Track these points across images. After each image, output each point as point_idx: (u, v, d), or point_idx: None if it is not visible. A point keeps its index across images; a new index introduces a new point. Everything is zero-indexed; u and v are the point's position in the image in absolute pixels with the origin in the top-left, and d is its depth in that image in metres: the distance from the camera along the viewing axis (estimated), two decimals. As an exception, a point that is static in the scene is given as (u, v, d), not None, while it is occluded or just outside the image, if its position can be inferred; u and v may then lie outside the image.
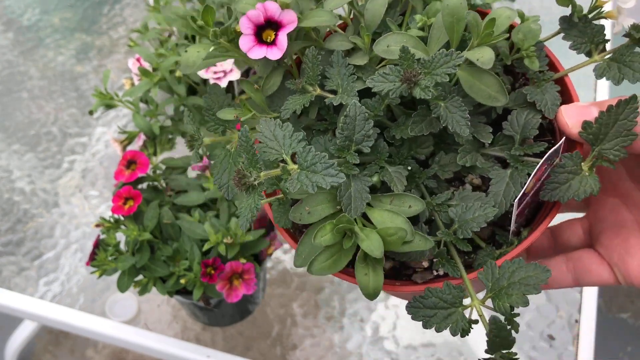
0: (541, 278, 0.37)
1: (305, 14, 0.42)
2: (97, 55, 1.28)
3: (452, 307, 0.38)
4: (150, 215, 0.73)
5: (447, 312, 0.38)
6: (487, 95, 0.41)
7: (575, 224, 0.50)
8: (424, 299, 0.38)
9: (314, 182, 0.36)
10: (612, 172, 0.46)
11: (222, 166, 0.43)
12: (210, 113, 0.45)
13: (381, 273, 0.39)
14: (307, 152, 0.37)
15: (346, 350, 0.92)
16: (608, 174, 0.46)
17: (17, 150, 1.13)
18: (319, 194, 0.41)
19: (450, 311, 0.38)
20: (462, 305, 0.39)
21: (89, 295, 0.96)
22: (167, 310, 0.96)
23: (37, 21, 1.34)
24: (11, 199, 1.07)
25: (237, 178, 0.37)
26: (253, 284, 0.73)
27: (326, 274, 0.39)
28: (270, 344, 0.93)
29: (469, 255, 0.44)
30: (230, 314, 0.91)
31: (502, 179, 0.42)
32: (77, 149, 1.13)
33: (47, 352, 1.33)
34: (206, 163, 0.76)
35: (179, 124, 0.80)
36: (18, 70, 1.25)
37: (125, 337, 0.88)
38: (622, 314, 1.43)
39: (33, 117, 1.18)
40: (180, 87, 0.77)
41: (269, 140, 0.39)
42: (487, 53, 0.40)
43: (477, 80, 0.41)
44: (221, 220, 0.74)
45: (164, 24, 0.83)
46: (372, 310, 0.95)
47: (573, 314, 0.92)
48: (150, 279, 0.73)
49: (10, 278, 0.98)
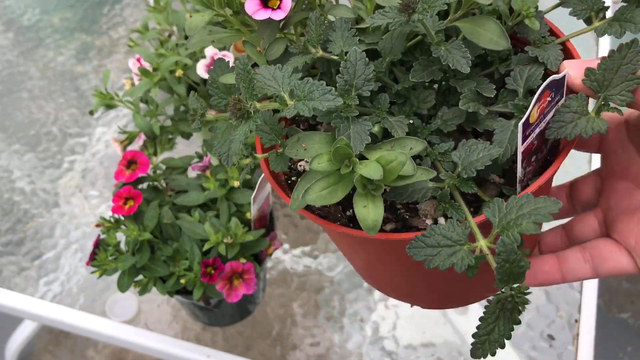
0: (551, 208, 0.35)
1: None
2: (97, 55, 1.28)
3: (457, 244, 0.36)
4: (151, 215, 0.73)
5: (452, 249, 0.36)
6: (489, 39, 0.41)
7: (589, 217, 0.48)
8: (426, 237, 0.36)
9: (310, 107, 0.36)
10: (622, 155, 0.45)
11: (223, 137, 0.43)
12: (214, 86, 0.45)
13: (381, 205, 0.37)
14: (305, 83, 0.37)
15: (346, 350, 0.92)
16: (617, 158, 0.45)
17: (17, 150, 1.13)
18: (317, 134, 0.41)
19: (455, 249, 0.36)
20: (467, 243, 0.36)
21: (89, 295, 0.96)
22: (167, 310, 0.96)
23: (37, 21, 1.34)
24: (11, 199, 1.07)
25: (233, 105, 0.37)
26: (253, 283, 0.73)
27: (322, 203, 0.38)
28: (270, 343, 0.93)
29: (474, 206, 0.43)
30: (230, 313, 0.91)
31: (506, 128, 0.41)
32: (77, 149, 1.13)
33: (47, 352, 1.33)
34: (206, 163, 0.76)
35: (179, 124, 0.80)
36: (18, 70, 1.25)
37: (125, 337, 0.88)
38: (622, 314, 1.43)
39: (33, 117, 1.18)
40: (180, 87, 0.78)
41: (268, 80, 0.39)
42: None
43: (478, 26, 0.41)
44: (221, 220, 0.74)
45: (164, 24, 0.83)
46: (372, 310, 0.95)
47: (573, 313, 0.92)
48: (151, 279, 0.73)
49: (10, 278, 0.98)
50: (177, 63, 0.77)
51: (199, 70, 0.75)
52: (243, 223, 0.74)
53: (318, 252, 0.99)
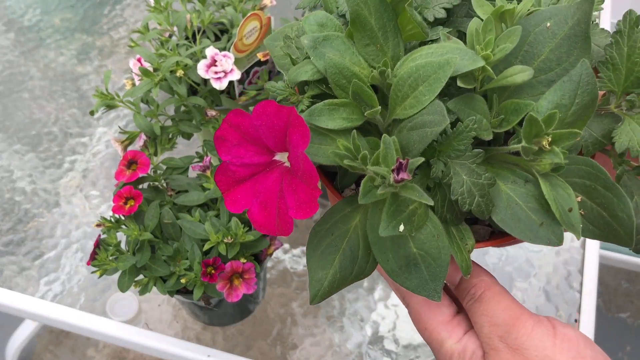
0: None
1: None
2: (98, 56, 1.28)
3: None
4: (151, 215, 0.73)
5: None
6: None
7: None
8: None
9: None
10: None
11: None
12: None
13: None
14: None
15: (346, 349, 0.92)
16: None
17: (18, 150, 1.14)
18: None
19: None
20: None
21: (90, 294, 0.97)
22: (167, 309, 0.96)
23: (37, 22, 1.34)
24: (12, 198, 1.07)
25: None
26: (253, 283, 0.73)
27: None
28: (271, 343, 0.93)
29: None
30: (230, 313, 0.92)
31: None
32: (78, 149, 1.14)
33: (48, 351, 1.33)
34: (207, 163, 0.77)
35: (180, 124, 0.81)
36: (19, 70, 1.26)
37: (125, 337, 0.88)
38: (621, 314, 1.43)
39: (34, 117, 1.18)
40: (181, 87, 0.78)
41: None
42: None
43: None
44: (221, 220, 0.74)
45: (165, 24, 0.83)
46: (372, 310, 0.95)
47: (572, 314, 0.93)
48: (151, 278, 0.73)
49: (11, 278, 0.98)
50: (178, 63, 0.77)
51: (199, 71, 0.75)
52: (243, 223, 0.74)
53: (318, 252, 1.00)
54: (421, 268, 0.38)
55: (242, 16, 0.86)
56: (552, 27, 0.39)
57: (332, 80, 0.40)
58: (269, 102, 0.37)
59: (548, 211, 0.37)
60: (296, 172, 0.37)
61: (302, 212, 0.37)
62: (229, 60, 0.76)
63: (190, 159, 0.80)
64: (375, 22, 0.40)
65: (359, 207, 0.41)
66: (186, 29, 0.85)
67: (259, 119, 0.37)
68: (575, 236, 0.36)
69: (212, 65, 0.76)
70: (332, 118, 0.39)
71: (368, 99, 0.39)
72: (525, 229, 0.37)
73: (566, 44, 0.39)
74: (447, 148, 0.38)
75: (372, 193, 0.35)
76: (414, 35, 0.42)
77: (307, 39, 0.40)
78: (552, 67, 0.39)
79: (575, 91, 0.37)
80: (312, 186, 0.36)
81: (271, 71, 0.87)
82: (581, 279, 0.96)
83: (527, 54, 0.39)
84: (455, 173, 0.38)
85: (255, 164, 0.40)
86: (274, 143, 0.38)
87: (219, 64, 0.76)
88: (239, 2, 0.86)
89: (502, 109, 0.39)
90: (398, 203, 0.36)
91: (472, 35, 0.39)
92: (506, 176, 0.39)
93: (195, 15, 0.84)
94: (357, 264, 0.41)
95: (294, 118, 0.36)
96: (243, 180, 0.40)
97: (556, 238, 0.37)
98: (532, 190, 0.38)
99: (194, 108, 0.80)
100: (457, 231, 0.40)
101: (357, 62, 0.40)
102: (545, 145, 0.35)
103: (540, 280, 0.97)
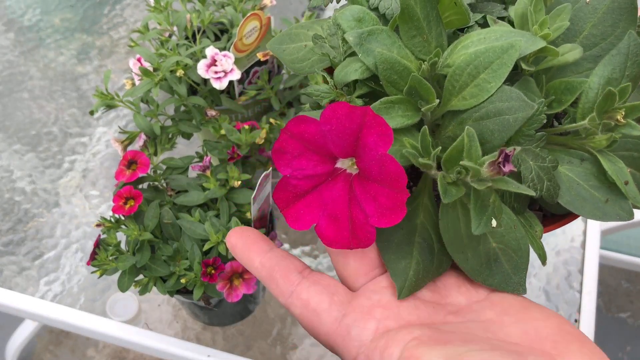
0: None
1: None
2: (97, 56, 1.28)
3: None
4: (151, 215, 0.73)
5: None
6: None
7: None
8: None
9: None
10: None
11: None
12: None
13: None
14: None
15: (346, 349, 0.92)
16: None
17: (17, 150, 1.14)
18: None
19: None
20: None
21: (90, 294, 0.97)
22: (167, 309, 0.96)
23: (37, 21, 1.34)
24: (12, 198, 1.07)
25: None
26: (253, 283, 0.73)
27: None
28: (271, 343, 0.93)
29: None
30: (230, 313, 0.92)
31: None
32: (77, 149, 1.13)
33: (48, 351, 1.33)
34: (206, 163, 0.77)
35: (180, 124, 0.81)
36: (19, 70, 1.26)
37: (125, 337, 0.88)
38: (622, 314, 1.43)
39: (34, 117, 1.18)
40: (181, 87, 0.78)
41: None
42: None
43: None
44: (221, 220, 0.74)
45: (165, 24, 0.83)
46: (372, 310, 0.95)
47: (572, 314, 0.93)
48: (151, 278, 0.73)
49: (11, 278, 0.98)
50: (178, 63, 0.77)
51: (199, 70, 0.75)
52: (243, 223, 0.74)
53: (318, 252, 1.00)
54: (502, 262, 0.37)
55: (242, 16, 0.85)
56: (591, 2, 0.38)
57: (383, 77, 0.37)
58: (339, 105, 0.34)
59: (610, 187, 0.36)
60: (373, 176, 0.34)
61: (387, 219, 0.34)
62: (229, 60, 0.76)
63: (190, 159, 0.80)
64: (421, 11, 0.38)
65: (417, 204, 0.39)
66: (186, 28, 0.85)
67: (328, 123, 0.35)
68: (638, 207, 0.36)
69: (212, 65, 0.76)
70: (391, 117, 0.37)
71: (425, 92, 0.37)
72: (593, 207, 0.36)
73: (610, 17, 0.38)
74: (517, 135, 0.36)
75: (450, 191, 0.33)
76: (451, 22, 0.40)
77: (351, 35, 0.38)
78: (596, 42, 0.38)
79: (624, 64, 0.36)
80: (397, 189, 0.33)
81: (271, 71, 0.87)
82: (581, 278, 0.96)
83: (568, 32, 0.39)
84: (523, 160, 0.36)
85: (317, 174, 0.37)
86: (341, 149, 0.36)
87: (219, 64, 0.76)
88: (239, 2, 0.86)
89: (550, 90, 0.38)
90: (482, 198, 0.34)
91: (523, 16, 0.37)
92: (561, 157, 0.38)
93: (195, 15, 0.84)
94: (435, 255, 0.38)
95: (369, 118, 0.34)
96: (304, 194, 0.37)
97: (626, 213, 0.36)
98: (590, 168, 0.37)
99: (194, 108, 0.80)
100: (524, 219, 0.39)
101: (404, 55, 0.38)
102: (620, 119, 0.34)
103: (540, 280, 0.97)
